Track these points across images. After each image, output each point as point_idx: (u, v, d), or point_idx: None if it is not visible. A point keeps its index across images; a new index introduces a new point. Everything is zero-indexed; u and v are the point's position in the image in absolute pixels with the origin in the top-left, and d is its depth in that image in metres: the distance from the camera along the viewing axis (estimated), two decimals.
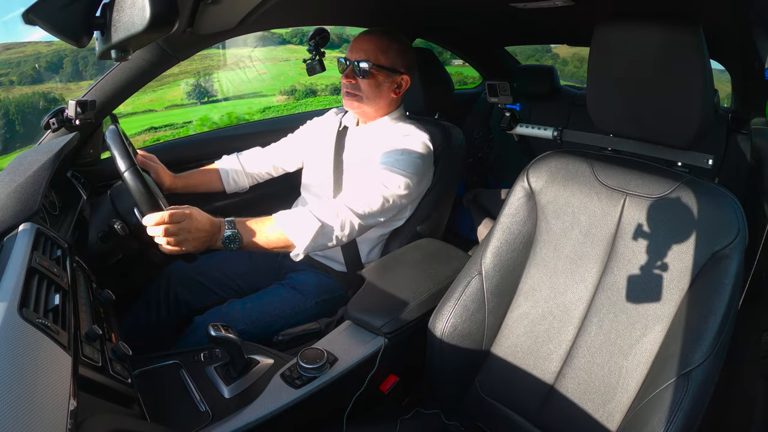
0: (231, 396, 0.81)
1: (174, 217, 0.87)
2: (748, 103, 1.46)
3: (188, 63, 4.40)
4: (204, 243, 0.92)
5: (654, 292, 0.76)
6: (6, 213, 0.80)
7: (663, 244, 0.76)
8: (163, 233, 0.86)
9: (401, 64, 1.19)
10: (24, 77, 3.55)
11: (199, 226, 0.90)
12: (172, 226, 0.87)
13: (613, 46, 0.78)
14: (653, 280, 0.77)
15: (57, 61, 3.63)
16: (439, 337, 0.90)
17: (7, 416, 0.41)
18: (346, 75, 1.17)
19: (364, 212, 1.05)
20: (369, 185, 1.08)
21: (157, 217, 0.86)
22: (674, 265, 0.75)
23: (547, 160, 0.92)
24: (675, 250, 0.75)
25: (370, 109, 1.21)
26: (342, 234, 1.03)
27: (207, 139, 1.69)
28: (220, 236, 0.93)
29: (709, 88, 0.72)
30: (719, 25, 1.06)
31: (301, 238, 0.98)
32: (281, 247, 0.99)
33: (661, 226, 0.77)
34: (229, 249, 0.94)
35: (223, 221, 0.94)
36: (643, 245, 0.79)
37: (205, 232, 0.91)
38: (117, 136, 0.92)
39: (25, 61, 3.57)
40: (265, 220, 0.99)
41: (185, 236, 0.88)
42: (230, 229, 0.93)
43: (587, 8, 1.07)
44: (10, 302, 0.56)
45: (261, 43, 4.85)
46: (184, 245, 0.89)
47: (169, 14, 0.44)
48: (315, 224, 0.99)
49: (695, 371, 0.67)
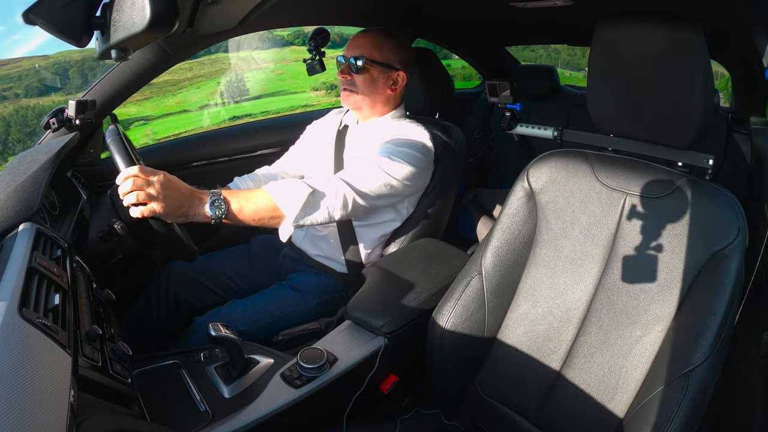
0: (231, 396, 0.81)
1: (144, 170, 0.84)
2: (748, 103, 1.46)
3: (200, 67, 4.44)
4: (179, 206, 0.87)
5: (654, 292, 0.76)
6: (6, 213, 0.80)
7: (663, 244, 0.76)
8: (132, 186, 0.82)
9: (396, 60, 1.19)
10: (30, 90, 3.54)
11: (172, 186, 0.86)
12: (141, 179, 0.83)
13: (613, 46, 0.78)
14: (653, 280, 0.77)
15: (62, 73, 3.63)
16: (439, 337, 0.90)
17: (7, 416, 0.41)
18: (342, 71, 1.18)
19: (360, 188, 1.04)
20: (368, 166, 1.08)
21: (126, 171, 0.83)
22: (674, 265, 0.75)
23: (547, 160, 0.92)
24: (675, 250, 0.75)
25: (366, 105, 1.21)
26: (335, 204, 1.00)
27: (207, 138, 1.68)
28: (202, 204, 0.89)
29: (709, 88, 0.72)
30: (719, 25, 1.06)
31: (290, 206, 0.95)
32: (270, 218, 0.96)
33: (661, 226, 0.77)
34: (215, 218, 0.90)
35: (207, 191, 0.91)
36: (643, 245, 0.79)
37: (180, 194, 0.87)
38: (117, 136, 0.92)
39: (25, 74, 3.57)
40: (254, 190, 0.97)
41: (155, 193, 0.83)
42: (214, 196, 0.90)
43: (587, 8, 1.07)
44: (10, 302, 0.56)
45: (265, 46, 4.89)
46: (155, 204, 0.84)
47: (169, 14, 0.44)
48: (305, 191, 0.96)
49: (695, 371, 0.67)
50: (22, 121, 3.29)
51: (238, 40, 4.02)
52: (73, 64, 3.56)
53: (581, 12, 1.12)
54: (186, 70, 4.29)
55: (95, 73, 3.67)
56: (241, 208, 0.93)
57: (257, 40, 4.50)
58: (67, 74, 3.55)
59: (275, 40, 5.16)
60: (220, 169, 1.57)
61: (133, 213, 0.85)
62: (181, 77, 4.19)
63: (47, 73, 3.62)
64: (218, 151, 1.62)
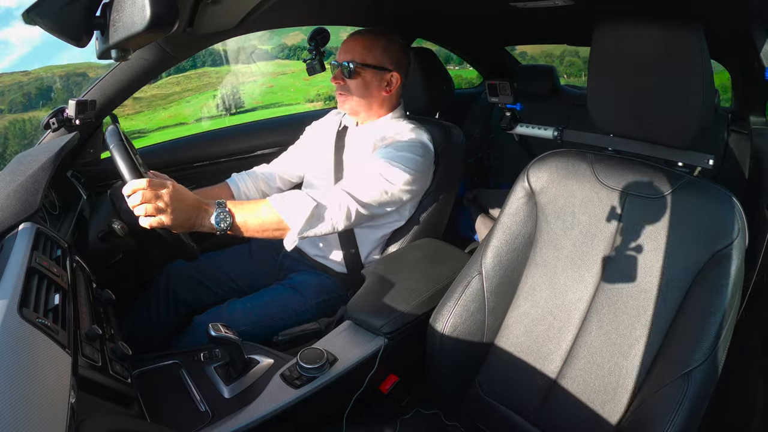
0: (231, 396, 0.81)
1: (153, 183, 0.84)
2: (748, 103, 1.46)
3: (187, 81, 4.45)
4: (186, 219, 0.88)
5: (654, 292, 0.76)
6: (6, 213, 0.80)
7: (663, 244, 0.76)
8: (141, 199, 0.83)
9: (389, 61, 1.19)
10: (14, 105, 3.55)
11: (180, 197, 0.87)
12: (150, 192, 0.84)
13: (614, 46, 0.78)
14: (653, 280, 0.77)
15: (46, 89, 3.64)
16: (439, 337, 0.90)
17: (7, 416, 0.41)
18: (335, 77, 1.19)
19: (362, 198, 1.04)
20: (369, 175, 1.08)
21: (135, 184, 0.84)
22: (674, 265, 0.75)
23: (548, 160, 0.92)
24: (675, 250, 0.75)
25: (362, 108, 1.21)
26: (338, 217, 1.01)
27: (207, 138, 1.68)
28: (207, 216, 0.90)
29: (709, 88, 0.72)
30: (719, 25, 1.06)
31: (295, 219, 0.96)
32: (275, 230, 0.97)
33: (661, 226, 0.77)
34: (220, 230, 0.91)
35: (213, 201, 0.92)
36: (643, 245, 0.79)
37: (187, 206, 0.88)
38: (117, 136, 0.92)
39: (8, 90, 3.58)
40: (258, 201, 0.97)
41: (164, 206, 0.84)
42: (220, 208, 0.91)
43: (587, 8, 1.07)
44: (10, 302, 0.56)
45: (250, 59, 4.92)
46: (164, 217, 0.85)
47: (169, 14, 0.44)
48: (310, 204, 0.97)
49: (695, 371, 0.67)
50: (19, 133, 3.31)
51: (225, 55, 4.02)
52: (57, 79, 3.59)
53: (581, 12, 1.12)
54: (174, 84, 4.30)
55: (80, 88, 3.70)
56: (246, 221, 0.94)
57: (243, 53, 4.54)
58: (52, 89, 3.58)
59: (260, 54, 5.22)
60: (220, 169, 1.57)
61: (142, 223, 0.86)
62: (170, 91, 4.21)
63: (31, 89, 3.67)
64: (218, 151, 1.62)
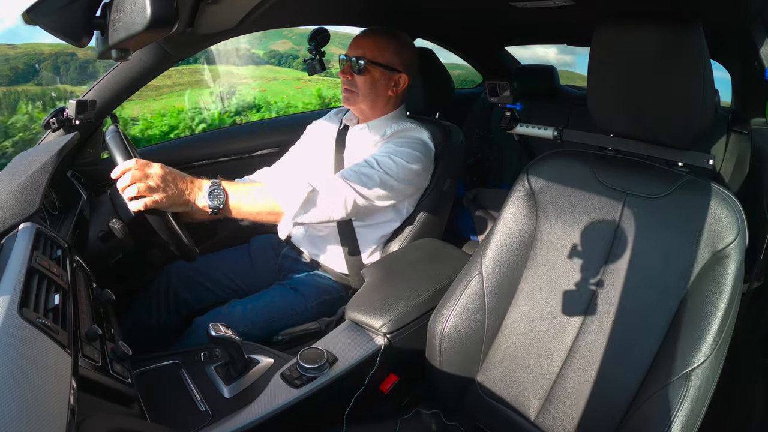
0: (231, 396, 0.81)
1: (141, 163, 0.84)
2: (748, 103, 1.46)
3: (179, 75, 4.43)
4: (179, 195, 0.87)
5: (654, 292, 0.76)
6: (6, 213, 0.80)
7: (663, 244, 0.76)
8: (131, 179, 0.83)
9: (398, 62, 1.19)
10: (1, 78, 3.53)
11: (171, 173, 0.86)
12: (140, 171, 0.83)
13: (614, 46, 0.78)
14: (653, 280, 0.77)
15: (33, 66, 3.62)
16: (439, 337, 0.90)
17: (7, 416, 0.41)
18: (343, 71, 1.18)
19: (360, 188, 1.03)
20: (368, 166, 1.08)
21: (123, 165, 0.83)
22: (674, 265, 0.75)
23: (548, 160, 0.92)
24: (675, 250, 0.75)
25: (366, 106, 1.21)
26: (335, 204, 1.00)
27: (207, 138, 1.69)
28: (200, 192, 0.89)
29: (709, 88, 0.72)
30: (719, 25, 1.06)
31: (289, 203, 0.95)
32: (268, 213, 0.96)
33: (661, 226, 0.77)
34: (213, 207, 0.89)
35: (205, 179, 0.91)
36: (643, 245, 0.79)
37: (179, 182, 0.87)
38: (117, 136, 0.92)
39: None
40: (254, 183, 0.96)
41: (155, 184, 0.84)
42: (214, 185, 0.90)
43: (587, 8, 1.07)
44: (10, 302, 0.55)
45: (241, 62, 4.91)
46: (157, 195, 0.84)
47: (169, 14, 0.44)
48: (305, 188, 0.96)
49: (695, 371, 0.67)
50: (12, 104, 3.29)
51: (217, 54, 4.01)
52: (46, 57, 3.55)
53: (581, 12, 1.12)
54: (165, 77, 4.27)
55: (68, 67, 3.66)
56: (239, 201, 0.93)
57: (235, 55, 4.52)
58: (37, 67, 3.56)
59: (253, 57, 5.18)
60: (220, 169, 1.55)
61: (135, 206, 0.85)
62: (161, 83, 4.19)
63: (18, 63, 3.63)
64: (218, 151, 1.62)
